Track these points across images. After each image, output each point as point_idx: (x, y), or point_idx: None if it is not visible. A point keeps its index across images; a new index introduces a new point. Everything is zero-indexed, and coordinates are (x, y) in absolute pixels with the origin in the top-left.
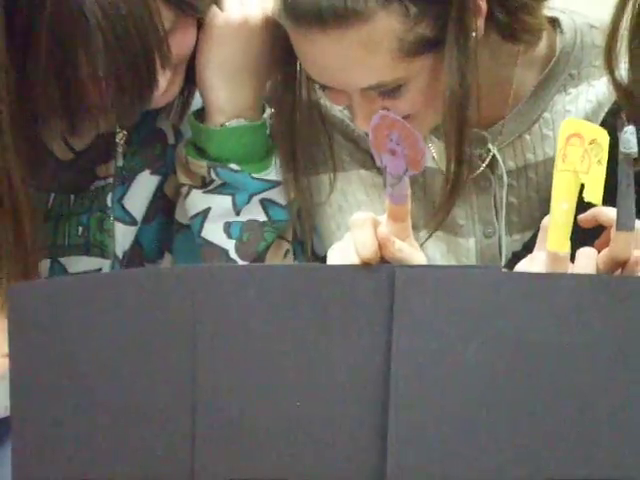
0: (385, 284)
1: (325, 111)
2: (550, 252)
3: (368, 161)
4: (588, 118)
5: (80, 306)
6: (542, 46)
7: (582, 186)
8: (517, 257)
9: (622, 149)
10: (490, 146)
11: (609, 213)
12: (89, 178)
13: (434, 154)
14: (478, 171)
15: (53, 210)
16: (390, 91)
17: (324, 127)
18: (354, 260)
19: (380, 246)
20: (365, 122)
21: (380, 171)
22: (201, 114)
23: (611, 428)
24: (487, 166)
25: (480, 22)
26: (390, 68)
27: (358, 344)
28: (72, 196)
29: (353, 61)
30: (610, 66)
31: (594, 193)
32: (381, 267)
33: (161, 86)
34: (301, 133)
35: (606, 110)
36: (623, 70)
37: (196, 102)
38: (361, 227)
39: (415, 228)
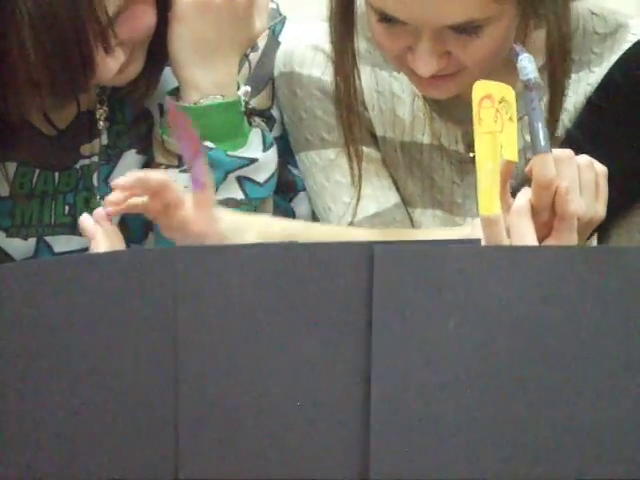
0: (364, 261)
1: (329, 88)
2: (482, 216)
3: (367, 138)
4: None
5: (60, 288)
6: (545, 31)
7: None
8: None
9: (520, 77)
10: None
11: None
12: (73, 156)
13: (428, 130)
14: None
15: (37, 188)
16: (470, 30)
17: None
18: None
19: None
20: (428, 65)
21: (378, 147)
22: (176, 93)
23: (594, 398)
24: None
25: None
26: (483, 5)
27: (338, 323)
28: (57, 174)
29: None
30: None
31: (510, 150)
32: (360, 244)
33: (110, 68)
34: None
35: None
36: None
37: (171, 82)
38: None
39: (411, 204)
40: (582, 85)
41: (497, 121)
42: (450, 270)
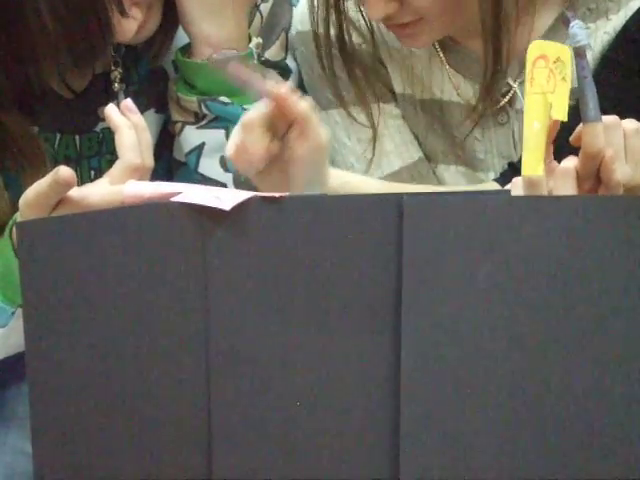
0: (394, 213)
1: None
2: (524, 176)
3: (386, 95)
4: (604, 49)
5: (90, 242)
6: None
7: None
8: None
9: (572, 44)
10: (509, 81)
11: None
12: (92, 119)
13: (446, 86)
14: (499, 105)
15: (60, 152)
16: None
17: (331, 64)
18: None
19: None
20: (375, 8)
21: (397, 103)
22: (188, 50)
23: (622, 346)
24: (506, 101)
25: None
26: None
27: (368, 274)
28: (77, 138)
29: None
30: None
31: (560, 110)
32: (389, 197)
33: (128, 29)
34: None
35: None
36: None
37: (183, 38)
38: (250, 132)
39: (433, 160)
40: (600, 34)
41: (549, 81)
42: (480, 220)
